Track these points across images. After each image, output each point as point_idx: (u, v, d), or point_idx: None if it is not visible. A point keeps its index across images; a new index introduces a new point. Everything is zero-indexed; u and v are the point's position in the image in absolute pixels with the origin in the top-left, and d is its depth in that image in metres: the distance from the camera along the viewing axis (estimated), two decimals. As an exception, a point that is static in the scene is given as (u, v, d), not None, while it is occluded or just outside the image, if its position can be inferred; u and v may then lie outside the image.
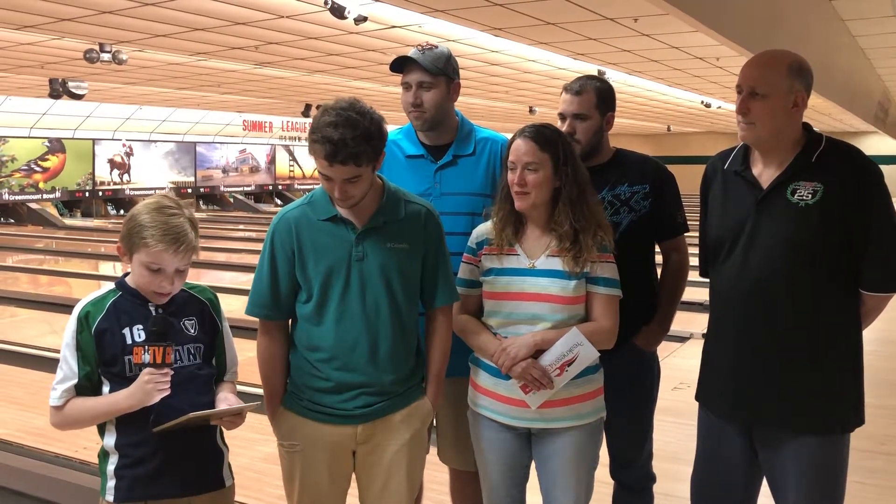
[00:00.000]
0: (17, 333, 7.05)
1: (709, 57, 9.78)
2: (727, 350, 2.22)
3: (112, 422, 1.96)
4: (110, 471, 1.97)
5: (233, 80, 12.75)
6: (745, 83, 2.12)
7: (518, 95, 14.91)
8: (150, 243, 1.91)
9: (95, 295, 2.02)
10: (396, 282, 2.19)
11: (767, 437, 2.15)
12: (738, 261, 2.16)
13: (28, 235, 16.33)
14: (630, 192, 2.58)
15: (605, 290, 2.22)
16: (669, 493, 2.93)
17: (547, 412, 2.21)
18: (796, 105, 2.10)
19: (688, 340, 6.34)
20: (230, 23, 7.87)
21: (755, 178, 2.17)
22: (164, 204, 1.98)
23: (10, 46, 9.40)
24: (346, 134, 1.99)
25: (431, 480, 2.85)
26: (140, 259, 1.94)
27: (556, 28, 7.73)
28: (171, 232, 1.92)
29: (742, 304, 2.16)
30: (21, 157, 18.78)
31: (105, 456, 2.00)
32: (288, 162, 25.72)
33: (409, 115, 2.57)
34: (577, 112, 2.55)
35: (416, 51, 2.54)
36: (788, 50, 2.17)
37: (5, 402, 4.98)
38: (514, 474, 2.33)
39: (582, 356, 2.15)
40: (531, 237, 2.27)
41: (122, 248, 1.98)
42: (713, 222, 2.28)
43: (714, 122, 23.45)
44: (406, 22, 7.90)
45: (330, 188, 2.10)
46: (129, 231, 1.95)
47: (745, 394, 2.17)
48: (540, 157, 2.20)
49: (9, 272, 11.38)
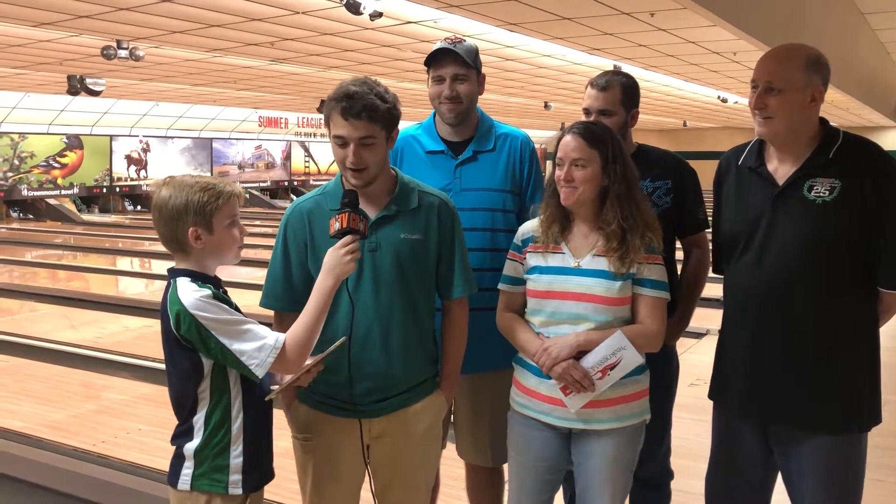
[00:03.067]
0: (35, 328, 7.12)
1: (726, 52, 9.70)
2: (742, 349, 2.19)
3: (243, 424, 1.94)
4: (235, 465, 1.94)
5: (248, 77, 12.79)
6: (761, 78, 2.09)
7: (533, 91, 14.85)
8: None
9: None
10: (410, 273, 2.18)
11: (783, 436, 2.13)
12: (753, 259, 2.13)
13: (46, 231, 16.47)
14: (652, 188, 2.57)
15: (652, 292, 2.18)
16: (687, 489, 2.92)
17: (588, 413, 2.17)
18: (814, 100, 2.07)
19: (704, 337, 6.30)
20: (246, 19, 7.88)
21: (770, 174, 2.14)
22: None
23: (29, 43, 9.47)
24: (363, 90, 2.04)
25: (448, 476, 2.85)
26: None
27: (572, 23, 7.69)
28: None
29: (757, 302, 2.13)
30: (40, 154, 18.93)
31: (222, 453, 1.94)
32: (303, 158, 25.78)
33: (441, 107, 2.55)
34: (602, 108, 2.55)
35: (447, 43, 2.53)
36: (805, 44, 2.14)
37: (24, 396, 5.03)
38: (548, 477, 2.29)
39: (625, 361, 2.10)
40: (578, 235, 2.23)
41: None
42: (727, 219, 2.25)
43: (731, 117, 23.27)
44: (421, 17, 7.88)
45: (343, 156, 2.08)
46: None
47: (761, 393, 2.14)
48: (588, 153, 2.16)
49: (28, 267, 11.50)
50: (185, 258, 1.96)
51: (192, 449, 1.94)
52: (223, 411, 1.93)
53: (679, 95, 16.10)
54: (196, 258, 1.96)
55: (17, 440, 4.20)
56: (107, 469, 3.83)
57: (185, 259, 1.96)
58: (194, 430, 1.94)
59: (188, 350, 1.90)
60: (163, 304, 1.93)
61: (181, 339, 1.89)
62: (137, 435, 4.29)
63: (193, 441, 1.94)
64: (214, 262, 1.99)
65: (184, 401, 1.96)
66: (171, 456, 2.01)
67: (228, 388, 1.93)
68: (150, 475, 3.72)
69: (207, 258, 1.97)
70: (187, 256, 1.95)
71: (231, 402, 1.94)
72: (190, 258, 1.96)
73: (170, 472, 1.99)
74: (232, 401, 1.94)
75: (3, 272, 11.07)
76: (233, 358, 1.88)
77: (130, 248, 14.50)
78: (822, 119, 2.14)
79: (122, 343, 6.57)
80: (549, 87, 14.30)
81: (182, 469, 1.96)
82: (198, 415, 1.94)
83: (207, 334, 1.86)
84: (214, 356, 1.89)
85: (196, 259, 1.96)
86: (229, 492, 1.94)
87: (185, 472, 1.95)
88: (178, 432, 1.99)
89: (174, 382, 1.98)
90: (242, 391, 1.95)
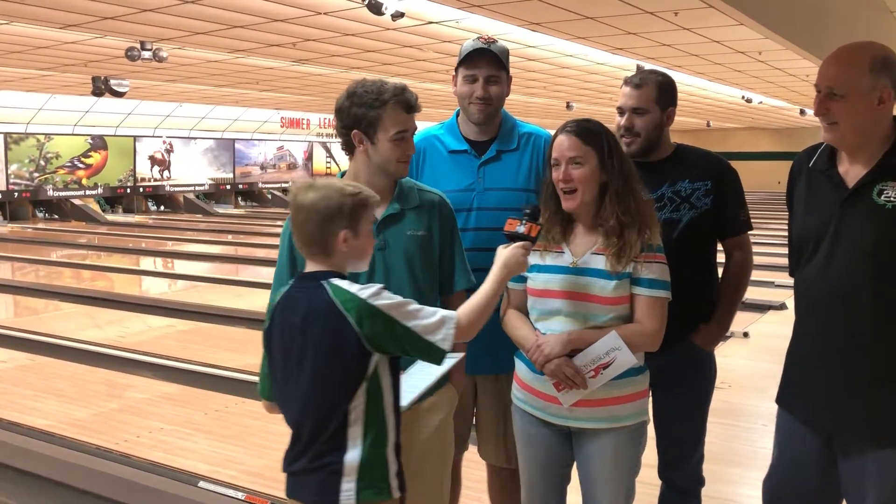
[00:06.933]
0: (60, 326, 7.18)
1: (751, 51, 9.60)
2: (807, 356, 2.13)
3: (394, 427, 1.89)
4: (393, 467, 1.89)
5: (271, 77, 12.85)
6: (822, 83, 2.00)
7: (555, 91, 14.80)
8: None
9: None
10: (419, 268, 2.21)
11: (847, 446, 2.06)
12: (820, 264, 2.06)
13: (71, 231, 16.63)
14: (691, 189, 2.51)
15: (648, 291, 2.14)
16: (714, 494, 2.87)
17: (581, 411, 2.16)
18: (882, 102, 1.96)
19: (729, 339, 6.24)
20: (268, 20, 7.91)
21: (841, 177, 2.05)
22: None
23: (55, 45, 9.57)
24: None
25: (469, 478, 2.82)
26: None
27: (595, 22, 7.64)
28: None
29: (823, 309, 2.06)
30: (65, 154, 19.14)
31: (383, 458, 1.87)
32: (325, 159, 25.87)
33: (471, 107, 2.53)
34: (635, 106, 2.50)
35: (482, 43, 2.51)
36: (873, 41, 2.04)
37: (49, 395, 5.06)
38: (552, 473, 2.29)
39: (619, 361, 2.09)
40: (579, 235, 2.21)
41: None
42: (797, 223, 2.18)
43: (755, 117, 23.06)
44: (443, 17, 7.87)
45: (404, 150, 2.20)
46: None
47: (827, 402, 2.07)
48: (584, 150, 2.14)
49: (53, 267, 11.61)
50: (326, 261, 1.89)
51: (353, 461, 1.83)
52: (380, 417, 1.86)
53: (703, 95, 15.97)
54: (337, 261, 1.89)
55: (41, 438, 4.23)
56: (129, 468, 3.84)
57: (325, 261, 1.89)
58: (348, 442, 1.84)
59: (357, 355, 1.81)
60: (318, 313, 1.83)
61: (360, 340, 1.80)
62: (160, 434, 4.31)
63: (350, 453, 1.83)
64: (352, 265, 1.94)
65: (332, 414, 1.84)
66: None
67: (382, 391, 1.86)
68: (172, 474, 3.72)
69: (347, 261, 1.92)
70: (328, 259, 1.89)
71: (385, 406, 1.87)
72: (330, 261, 1.89)
73: (316, 491, 1.86)
74: (385, 404, 1.87)
75: (28, 271, 11.21)
76: (417, 339, 1.83)
77: (154, 248, 14.61)
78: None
79: (146, 342, 6.61)
80: (572, 88, 14.24)
81: (342, 484, 1.83)
82: (352, 426, 1.84)
83: (392, 321, 1.81)
84: (399, 344, 1.83)
85: (337, 262, 1.90)
86: (393, 495, 1.88)
87: (345, 486, 1.83)
88: (323, 449, 1.85)
89: (323, 397, 1.85)
90: (393, 392, 1.89)
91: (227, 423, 4.52)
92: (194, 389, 5.25)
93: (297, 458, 1.89)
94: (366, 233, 1.91)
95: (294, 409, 1.89)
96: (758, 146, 29.37)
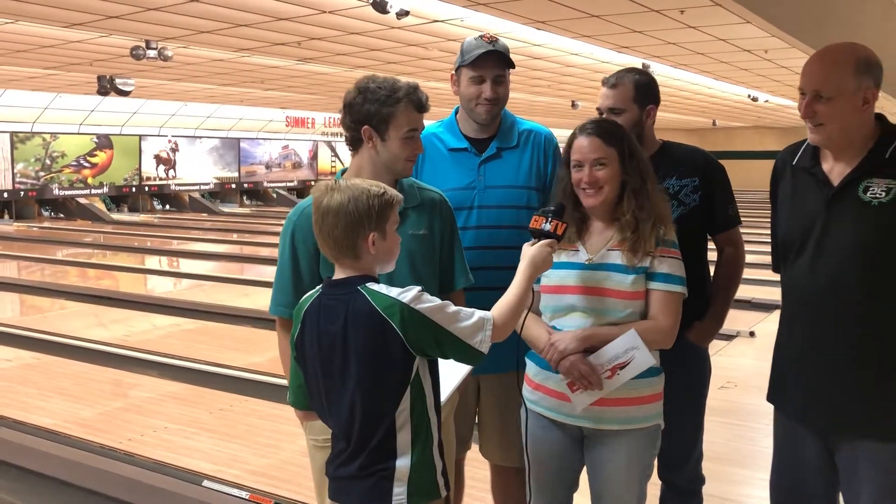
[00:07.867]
0: (65, 325, 7.20)
1: (757, 49, 9.57)
2: (796, 352, 2.13)
3: (437, 427, 1.89)
4: (440, 468, 1.88)
5: (275, 76, 12.85)
6: (808, 86, 2.01)
7: (560, 90, 14.78)
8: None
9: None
10: (422, 268, 2.20)
11: (842, 443, 2.06)
12: (808, 262, 2.06)
13: (77, 230, 16.69)
14: (679, 186, 2.52)
15: (664, 286, 2.13)
16: (717, 493, 2.86)
17: (596, 411, 2.13)
18: (866, 102, 1.98)
19: (734, 339, 6.22)
20: (273, 18, 7.91)
21: (825, 175, 2.06)
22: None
23: (60, 44, 9.59)
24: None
25: (472, 477, 2.82)
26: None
27: (600, 21, 7.62)
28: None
29: (812, 307, 2.06)
30: (70, 153, 19.19)
31: (431, 460, 1.86)
32: (330, 158, 25.87)
33: (478, 108, 2.52)
34: (612, 106, 2.50)
35: (485, 42, 2.49)
36: (854, 42, 2.05)
37: (54, 393, 5.08)
38: (562, 475, 2.26)
39: (636, 361, 2.06)
40: (595, 232, 2.21)
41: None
42: (782, 221, 2.18)
43: (761, 116, 22.99)
44: (448, 16, 7.86)
45: (413, 149, 2.19)
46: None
47: (819, 399, 2.07)
48: (607, 151, 2.13)
49: (58, 265, 11.63)
50: (354, 264, 1.85)
51: (403, 466, 1.82)
52: (425, 419, 1.84)
53: (708, 94, 15.93)
54: (366, 264, 1.85)
55: (47, 437, 4.23)
56: (133, 467, 3.84)
57: (354, 265, 1.85)
58: (398, 447, 1.82)
59: (402, 360, 1.78)
60: (359, 321, 1.79)
61: (404, 345, 1.77)
62: (164, 433, 4.31)
63: (401, 458, 1.82)
64: (380, 268, 1.90)
65: (380, 420, 1.81)
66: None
67: (425, 393, 1.85)
68: (177, 473, 3.73)
69: (375, 264, 1.88)
70: (357, 262, 1.84)
71: (428, 407, 1.85)
72: (359, 264, 1.85)
73: (367, 497, 1.84)
74: (428, 405, 1.85)
75: (34, 270, 11.24)
76: (457, 342, 1.81)
77: (159, 248, 14.63)
78: (880, 115, 2.06)
79: (151, 341, 6.62)
80: (577, 86, 14.21)
81: (393, 489, 1.82)
82: (400, 431, 1.82)
83: (436, 326, 1.78)
84: (440, 348, 1.81)
85: (366, 265, 1.85)
86: (441, 494, 1.88)
87: (397, 491, 1.82)
88: (373, 455, 1.83)
89: (370, 404, 1.81)
90: (434, 392, 1.87)
91: (232, 423, 4.51)
92: (199, 388, 5.25)
93: (344, 464, 1.87)
94: (392, 233, 1.88)
95: (341, 417, 1.86)
96: (763, 145, 29.27)
